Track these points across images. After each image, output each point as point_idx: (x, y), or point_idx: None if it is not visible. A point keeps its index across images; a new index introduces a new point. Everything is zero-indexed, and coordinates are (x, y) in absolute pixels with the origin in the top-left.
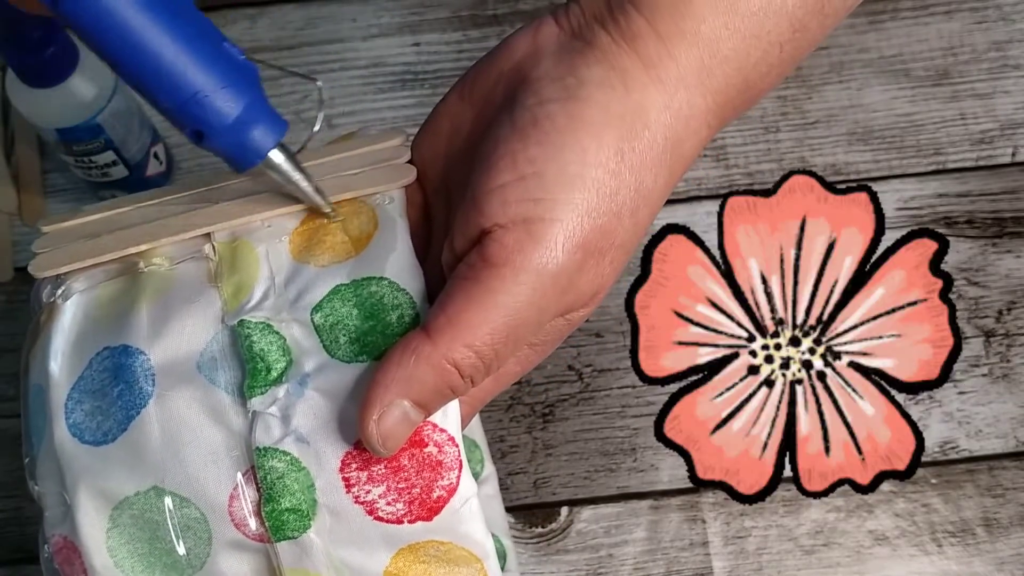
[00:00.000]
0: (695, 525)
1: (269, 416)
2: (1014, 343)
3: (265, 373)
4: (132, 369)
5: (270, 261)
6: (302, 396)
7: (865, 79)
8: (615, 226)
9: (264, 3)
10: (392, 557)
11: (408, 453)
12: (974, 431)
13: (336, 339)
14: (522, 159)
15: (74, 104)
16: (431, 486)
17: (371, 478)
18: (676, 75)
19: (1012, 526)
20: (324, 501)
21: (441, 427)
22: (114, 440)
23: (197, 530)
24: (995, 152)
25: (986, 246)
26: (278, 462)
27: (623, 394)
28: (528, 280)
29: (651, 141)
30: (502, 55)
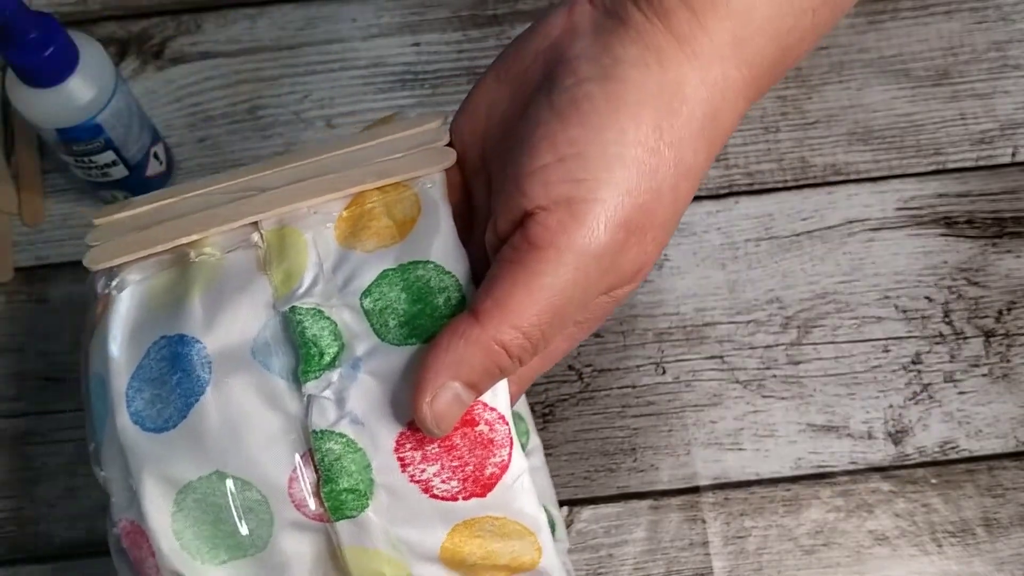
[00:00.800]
0: (695, 525)
1: (324, 400)
2: (1014, 343)
3: (319, 358)
4: (189, 357)
5: (318, 248)
6: (355, 379)
7: (865, 79)
8: (656, 204)
9: (264, 3)
10: (448, 533)
11: (460, 432)
12: (974, 431)
13: (386, 323)
14: (562, 140)
15: (74, 104)
16: (484, 463)
17: (425, 457)
18: (710, 49)
19: (1012, 526)
20: (381, 480)
21: (491, 406)
22: (175, 427)
23: (259, 512)
24: (995, 152)
25: (986, 246)
26: (335, 444)
27: (623, 394)
28: (572, 261)
29: (689, 116)
30: (538, 34)
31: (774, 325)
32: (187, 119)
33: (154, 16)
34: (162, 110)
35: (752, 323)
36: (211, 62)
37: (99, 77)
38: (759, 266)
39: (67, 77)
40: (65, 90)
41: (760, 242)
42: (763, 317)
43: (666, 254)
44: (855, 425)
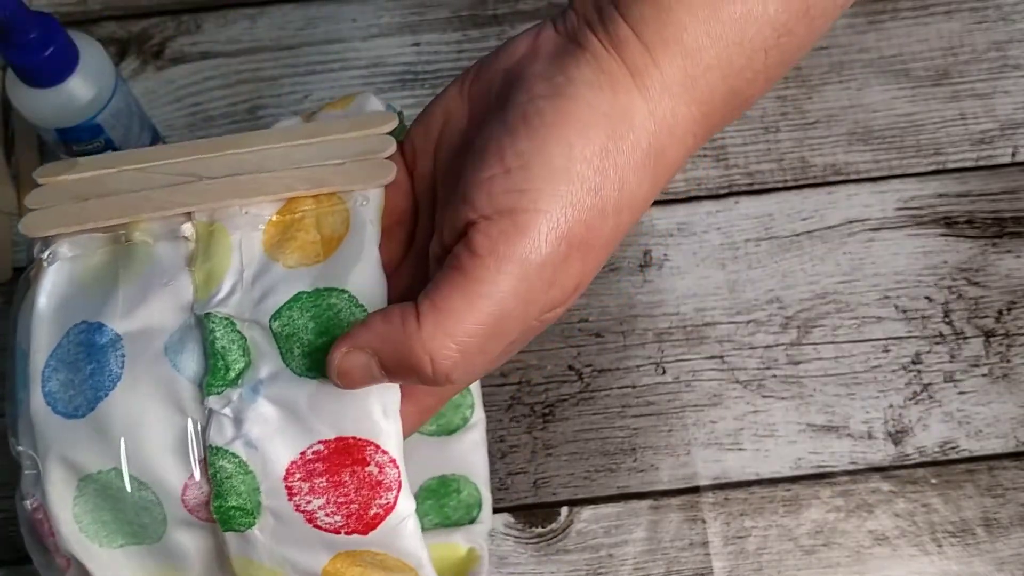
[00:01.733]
0: (695, 525)
1: (223, 417)
2: (1014, 343)
3: (224, 372)
4: (104, 349)
5: (242, 251)
6: (254, 403)
7: (865, 79)
8: (599, 222)
9: (264, 3)
10: (330, 559)
11: (350, 470)
12: (974, 431)
13: (291, 349)
14: (510, 153)
15: (74, 104)
16: (369, 504)
17: (313, 490)
18: (660, 83)
19: (1012, 526)
20: (268, 504)
21: (384, 449)
22: (83, 416)
23: (153, 511)
24: (995, 152)
25: (986, 246)
26: (228, 463)
27: (623, 394)
28: (513, 271)
29: (635, 144)
30: (502, 55)
31: (774, 325)
32: (187, 119)
33: (154, 16)
34: (162, 110)
35: (752, 323)
36: (211, 62)
37: (99, 77)
38: (759, 266)
39: (67, 77)
40: (65, 90)
41: (760, 242)
42: (763, 317)
43: (666, 254)
44: (855, 425)
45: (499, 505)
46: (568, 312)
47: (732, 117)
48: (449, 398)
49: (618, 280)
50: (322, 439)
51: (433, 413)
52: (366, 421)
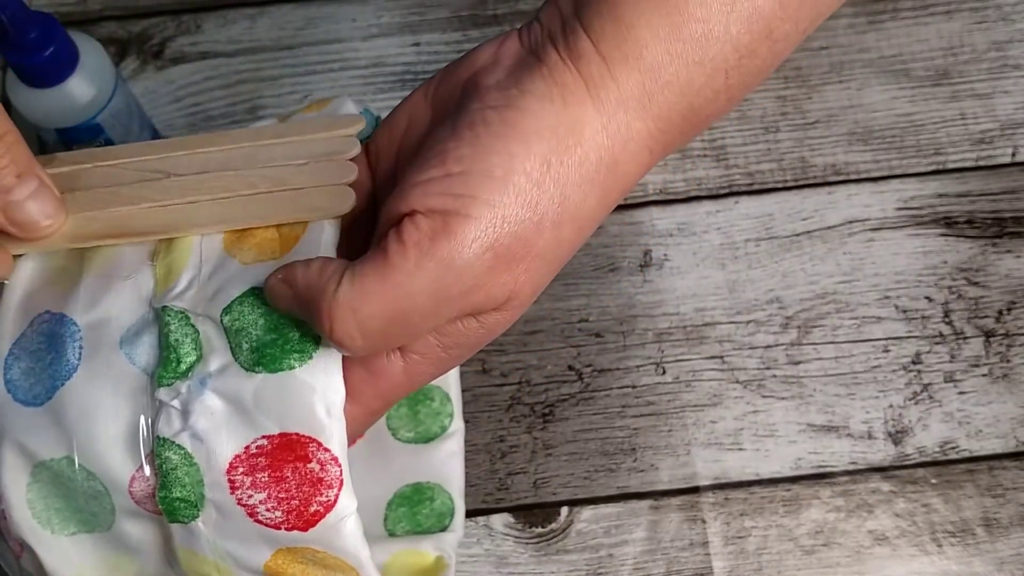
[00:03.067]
0: (695, 525)
1: (171, 408)
2: (1014, 343)
3: (176, 364)
4: (63, 340)
5: (203, 248)
6: (201, 395)
7: (865, 79)
8: (533, 235)
9: (264, 3)
10: (272, 554)
11: (292, 466)
12: (974, 431)
13: (240, 344)
14: (452, 158)
15: (74, 104)
16: (309, 501)
17: (254, 484)
18: (616, 97)
19: (1012, 526)
20: (211, 496)
21: (326, 447)
22: (40, 405)
23: (102, 500)
24: (995, 152)
25: (986, 246)
26: (173, 454)
27: (623, 394)
28: (430, 268)
29: (583, 158)
30: (466, 62)
31: (774, 325)
32: (187, 119)
33: (154, 16)
34: (162, 110)
35: (752, 323)
36: (211, 62)
37: (99, 77)
38: (759, 266)
39: (67, 77)
40: (65, 90)
41: (760, 242)
42: (763, 317)
43: (666, 254)
44: (855, 425)
45: (499, 505)
46: (568, 312)
47: (691, 135)
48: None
49: (618, 280)
50: (266, 434)
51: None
52: (310, 418)
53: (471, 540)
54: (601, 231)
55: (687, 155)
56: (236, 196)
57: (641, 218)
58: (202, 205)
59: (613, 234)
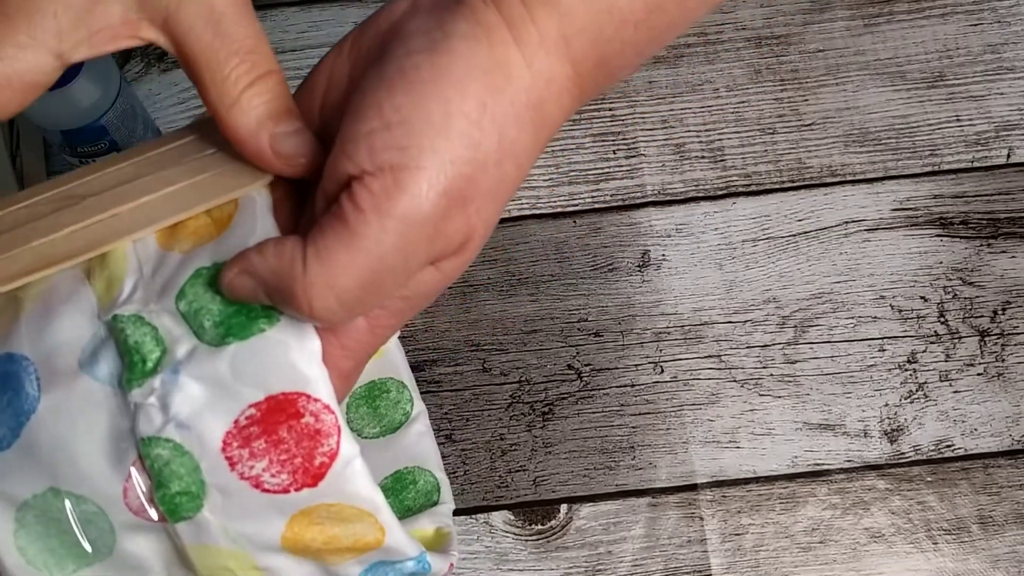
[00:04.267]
0: (693, 522)
1: (149, 406)
2: (1009, 342)
3: (141, 365)
4: (17, 376)
5: (138, 253)
6: (177, 383)
7: (861, 81)
8: (479, 175)
9: (267, 6)
10: (287, 523)
11: (286, 426)
12: (969, 429)
13: (202, 324)
14: (388, 107)
15: (79, 106)
16: (312, 454)
17: (253, 454)
18: (536, 39)
19: (1007, 523)
20: (211, 481)
21: (315, 397)
22: (8, 447)
23: (98, 522)
24: (990, 153)
25: (981, 247)
26: (162, 450)
27: (622, 393)
28: (393, 227)
29: (513, 96)
30: (383, 13)
31: (771, 325)
32: (190, 121)
33: None
34: (165, 112)
35: (749, 323)
36: None
37: (103, 79)
38: (756, 266)
39: (72, 79)
40: (70, 92)
41: (757, 242)
42: (760, 317)
43: (664, 254)
44: (851, 423)
45: (499, 503)
46: (567, 312)
47: (604, 84)
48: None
49: (617, 280)
50: (252, 402)
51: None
52: (292, 374)
53: (471, 537)
54: (600, 232)
55: (685, 157)
56: (157, 196)
57: (639, 219)
58: (125, 214)
59: (612, 234)
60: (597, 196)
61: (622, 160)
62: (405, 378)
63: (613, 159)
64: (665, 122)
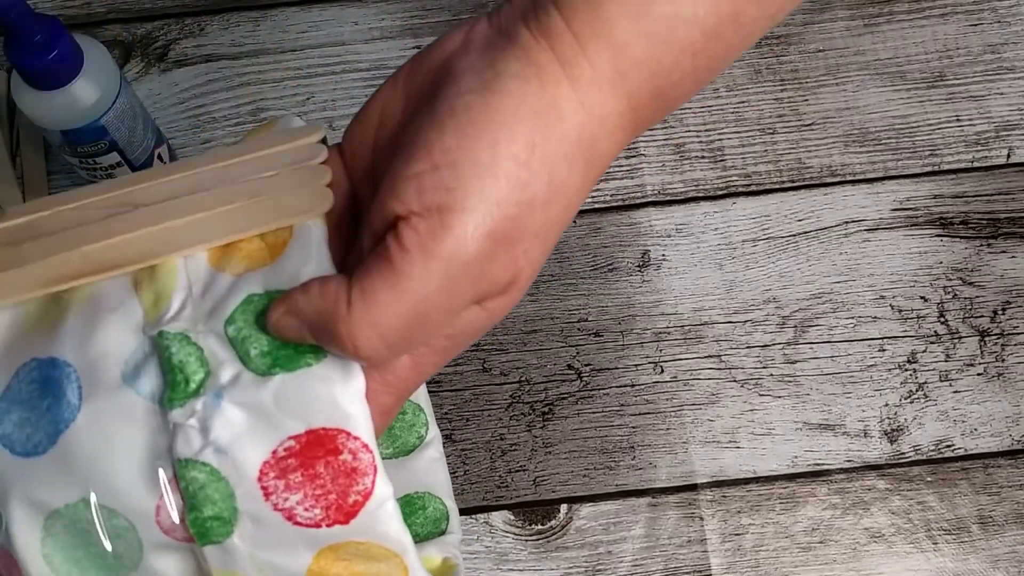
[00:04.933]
0: (693, 522)
1: (189, 428)
2: (1008, 343)
3: (184, 385)
4: (59, 382)
5: (188, 270)
6: (219, 408)
7: (861, 81)
8: (526, 216)
9: (267, 6)
10: (314, 557)
11: (324, 461)
12: (969, 429)
13: (248, 352)
14: (437, 149)
15: (79, 106)
16: (347, 492)
17: (288, 486)
18: (590, 75)
19: (1007, 524)
20: (245, 508)
21: (355, 435)
22: (44, 452)
23: (127, 537)
24: (990, 153)
25: (981, 247)
26: (199, 473)
27: (622, 392)
28: (439, 268)
29: (564, 135)
30: (436, 49)
31: (771, 325)
32: (190, 121)
33: (158, 19)
34: (166, 112)
35: (749, 323)
36: (214, 64)
37: (104, 79)
38: (756, 266)
39: (72, 79)
40: (70, 92)
41: (757, 242)
42: (760, 317)
43: (664, 254)
44: (851, 423)
45: (499, 503)
46: (567, 312)
47: (659, 115)
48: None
49: (617, 280)
50: (292, 434)
51: (392, 414)
52: (334, 410)
53: (471, 537)
54: (600, 231)
55: (685, 156)
56: (212, 213)
57: (640, 219)
58: (178, 228)
59: (612, 234)
60: (597, 196)
61: (622, 160)
62: (423, 401)
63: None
64: (665, 122)
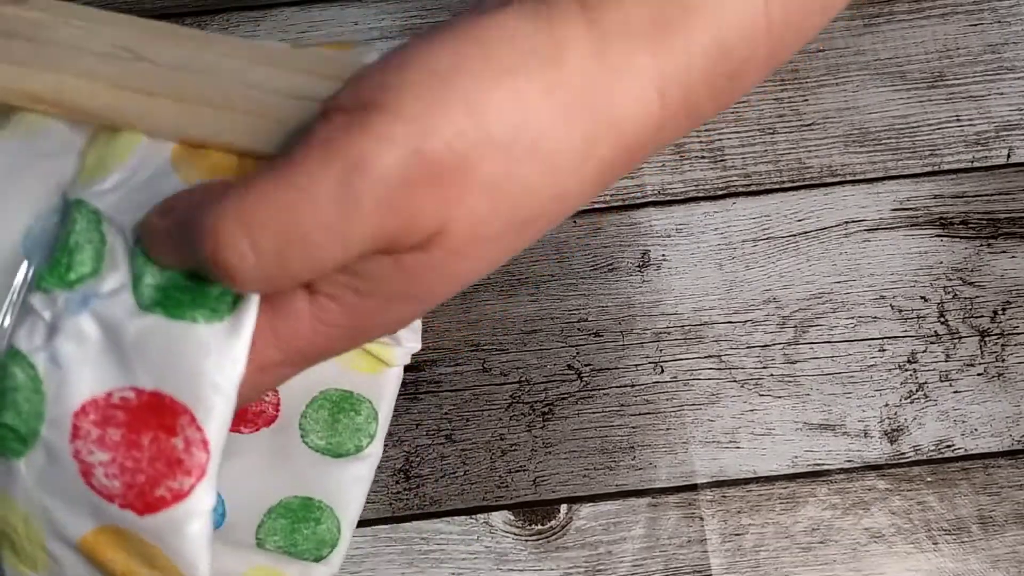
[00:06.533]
0: (693, 522)
1: (40, 320)
2: (1009, 343)
3: (64, 270)
4: None
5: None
6: (77, 315)
7: (861, 81)
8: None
9: (267, 6)
10: (94, 529)
11: (152, 435)
12: (969, 430)
13: (143, 275)
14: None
15: None
16: (157, 481)
17: (101, 440)
18: (620, 21)
19: (1007, 524)
20: (46, 436)
21: (200, 424)
22: None
23: None
24: (990, 153)
25: (981, 247)
26: (21, 371)
27: (622, 393)
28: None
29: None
30: None
31: (771, 325)
32: None
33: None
34: None
35: (749, 323)
36: None
37: None
38: (756, 266)
39: None
40: None
41: (757, 242)
42: (760, 317)
43: (664, 254)
44: (851, 424)
45: (499, 503)
46: (567, 312)
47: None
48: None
49: (616, 280)
50: (135, 386)
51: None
52: (193, 384)
53: (471, 537)
54: (600, 231)
55: (685, 156)
56: (205, 106)
57: (639, 219)
58: (163, 103)
59: (611, 235)
60: (597, 196)
61: None
62: (383, 412)
63: None
64: None
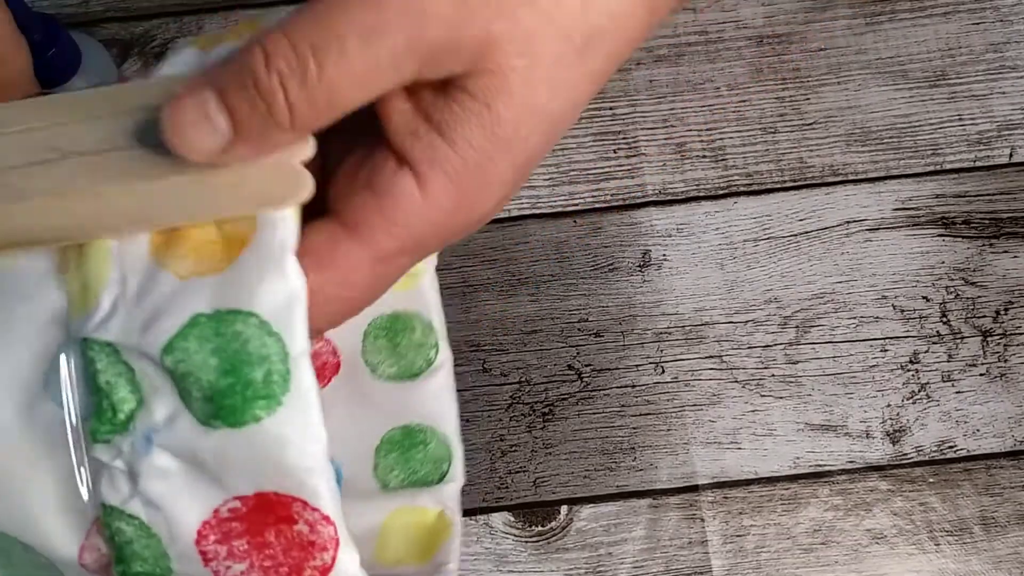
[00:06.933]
0: (694, 524)
1: (115, 470)
2: (1011, 343)
3: (111, 413)
4: None
5: (123, 257)
6: (149, 454)
7: (863, 80)
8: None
9: (266, 5)
10: None
11: (275, 530)
12: (971, 430)
13: (190, 392)
14: None
15: None
16: (301, 566)
17: (232, 554)
18: None
19: (1009, 525)
20: (181, 570)
21: (313, 505)
22: None
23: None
24: (992, 153)
25: (983, 246)
26: (126, 525)
27: (622, 393)
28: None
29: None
30: None
31: (772, 325)
32: None
33: (156, 18)
34: None
35: (750, 323)
36: None
37: (102, 78)
38: (757, 266)
39: (70, 78)
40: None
41: (758, 242)
42: (761, 317)
43: (665, 254)
44: (853, 424)
45: (499, 504)
46: (567, 312)
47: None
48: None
49: (617, 280)
50: (238, 495)
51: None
52: (287, 477)
53: (471, 539)
54: (600, 231)
55: (686, 156)
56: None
57: (640, 218)
58: (114, 196)
59: (612, 234)
60: (597, 196)
61: (623, 159)
62: (435, 319)
63: (614, 158)
64: (666, 121)
